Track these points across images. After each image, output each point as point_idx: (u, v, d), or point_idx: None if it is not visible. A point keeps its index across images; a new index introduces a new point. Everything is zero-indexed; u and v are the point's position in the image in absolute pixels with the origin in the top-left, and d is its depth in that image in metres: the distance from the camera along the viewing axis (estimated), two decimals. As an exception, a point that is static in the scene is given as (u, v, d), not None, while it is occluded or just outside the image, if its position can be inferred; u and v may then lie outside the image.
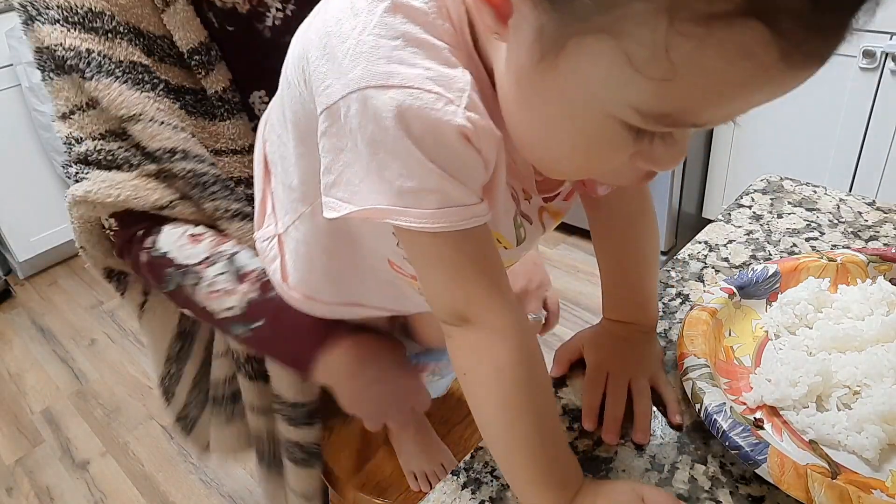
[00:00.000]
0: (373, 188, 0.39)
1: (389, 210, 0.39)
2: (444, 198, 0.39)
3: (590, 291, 2.15)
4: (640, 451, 0.55)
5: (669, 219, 2.12)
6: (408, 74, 0.36)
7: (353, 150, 0.39)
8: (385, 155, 0.38)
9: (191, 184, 0.67)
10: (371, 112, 0.37)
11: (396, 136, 0.37)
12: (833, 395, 0.56)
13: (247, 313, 0.64)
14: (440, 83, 0.37)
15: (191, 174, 0.66)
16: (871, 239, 0.79)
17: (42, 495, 1.64)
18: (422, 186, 0.38)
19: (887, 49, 1.62)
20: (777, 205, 0.88)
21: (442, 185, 0.39)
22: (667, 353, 0.65)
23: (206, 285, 0.65)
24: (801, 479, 0.47)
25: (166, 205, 0.67)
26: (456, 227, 0.40)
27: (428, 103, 0.36)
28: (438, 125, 0.37)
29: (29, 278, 2.50)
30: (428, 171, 0.38)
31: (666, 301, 0.72)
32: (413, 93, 0.36)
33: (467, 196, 0.40)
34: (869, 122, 1.75)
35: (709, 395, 0.54)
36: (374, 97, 0.37)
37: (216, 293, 0.65)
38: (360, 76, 0.37)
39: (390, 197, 0.39)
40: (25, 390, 1.99)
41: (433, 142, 0.37)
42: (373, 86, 0.37)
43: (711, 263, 0.77)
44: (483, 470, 0.55)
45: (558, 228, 2.43)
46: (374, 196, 0.39)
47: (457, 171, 0.39)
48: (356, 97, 0.37)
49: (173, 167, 0.66)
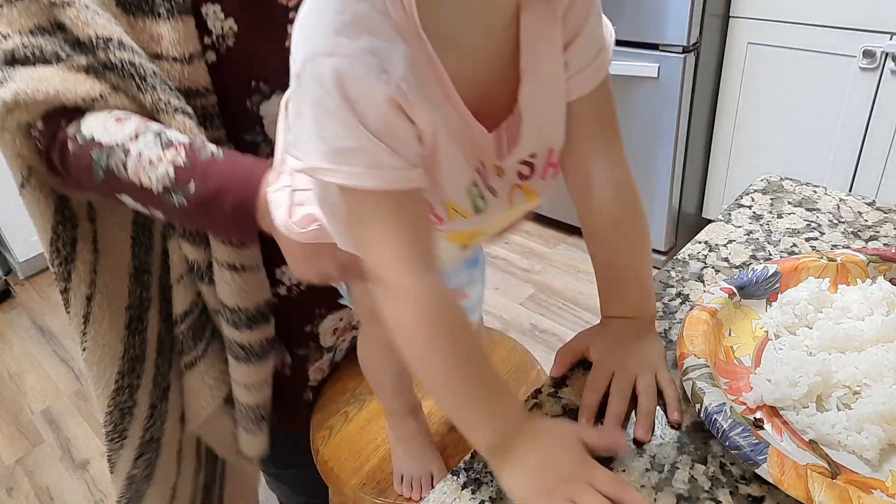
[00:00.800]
0: (315, 147, 0.44)
1: (325, 168, 0.44)
2: (373, 159, 0.44)
3: (590, 291, 2.15)
4: (640, 451, 0.55)
5: (669, 219, 2.12)
6: (350, 46, 0.41)
7: (304, 112, 0.44)
8: (325, 116, 0.43)
9: (127, 74, 0.63)
10: (318, 76, 0.42)
11: (335, 98, 0.42)
12: (833, 395, 0.56)
13: (177, 178, 0.61)
14: (378, 56, 0.42)
15: (128, 64, 0.63)
16: (871, 239, 0.79)
17: (42, 495, 1.64)
18: (354, 146, 0.43)
19: (887, 49, 1.62)
20: (777, 205, 0.88)
21: (371, 148, 0.43)
22: (667, 352, 0.65)
23: (135, 158, 0.62)
24: (801, 479, 0.47)
25: (97, 97, 0.64)
26: (381, 187, 0.44)
27: (364, 72, 0.42)
28: (371, 93, 0.42)
29: (29, 278, 2.50)
30: (360, 134, 0.43)
31: (666, 301, 0.72)
32: (352, 62, 0.41)
33: (396, 161, 0.44)
34: (869, 122, 1.75)
35: (709, 395, 0.54)
36: (321, 63, 0.42)
37: (145, 165, 0.62)
38: (313, 45, 0.42)
39: (327, 156, 0.44)
40: (25, 390, 1.99)
41: (366, 107, 0.42)
42: (321, 54, 0.42)
43: (711, 263, 0.77)
44: (483, 470, 0.55)
45: (558, 228, 2.44)
46: (315, 155, 0.44)
47: (387, 136, 0.43)
48: (311, 64, 0.42)
49: (108, 57, 0.63)
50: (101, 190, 0.67)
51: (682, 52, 1.84)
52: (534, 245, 2.42)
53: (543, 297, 2.16)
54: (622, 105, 2.03)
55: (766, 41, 1.85)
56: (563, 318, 2.05)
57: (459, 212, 0.53)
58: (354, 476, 0.86)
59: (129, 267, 0.80)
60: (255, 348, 0.83)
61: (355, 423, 0.93)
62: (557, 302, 2.13)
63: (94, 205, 0.76)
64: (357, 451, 0.89)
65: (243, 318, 0.80)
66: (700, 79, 1.92)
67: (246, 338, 0.82)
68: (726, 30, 1.92)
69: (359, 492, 0.84)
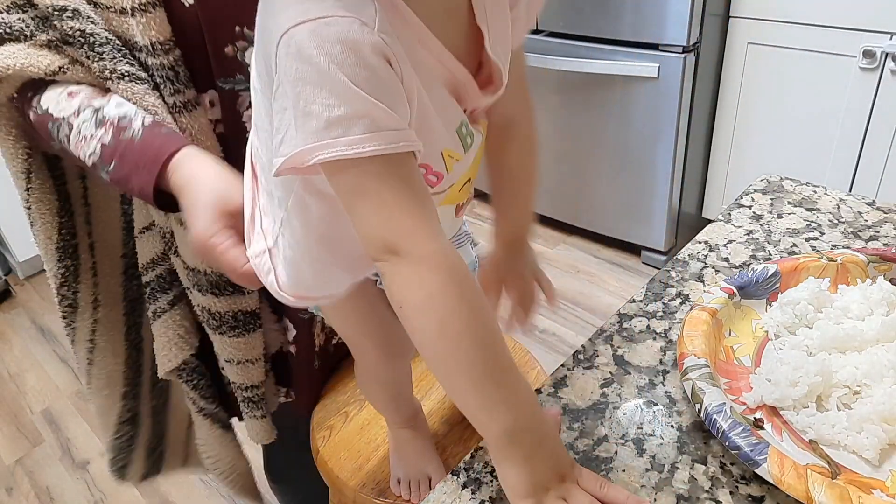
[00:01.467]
0: (303, 130, 0.41)
1: (318, 146, 0.41)
2: (371, 123, 0.41)
3: (590, 291, 2.15)
4: (641, 452, 0.55)
5: (669, 219, 2.12)
6: (321, 7, 0.39)
7: (287, 98, 0.42)
8: (311, 88, 0.40)
9: (80, 43, 0.68)
10: (296, 49, 0.40)
11: (320, 64, 0.39)
12: (833, 395, 0.56)
13: (102, 156, 0.66)
14: (351, 10, 0.40)
15: (80, 34, 0.68)
16: (871, 239, 0.79)
17: (42, 495, 1.64)
18: (349, 112, 0.40)
19: (887, 49, 1.62)
20: (777, 205, 0.88)
21: (369, 110, 0.41)
22: (667, 353, 0.65)
23: (76, 133, 0.67)
24: (801, 479, 0.47)
25: (58, 70, 0.69)
26: (385, 150, 0.41)
27: (343, 27, 0.39)
28: (357, 45, 0.40)
29: (29, 278, 2.50)
30: (354, 96, 0.40)
31: (666, 301, 0.72)
32: (328, 21, 0.39)
33: (393, 121, 0.42)
34: (869, 122, 1.75)
35: (709, 395, 0.54)
36: (296, 35, 0.40)
37: (81, 141, 0.67)
38: (281, 23, 0.40)
39: (319, 133, 0.41)
40: (25, 390, 1.99)
41: (354, 63, 0.40)
42: (292, 25, 0.40)
43: (711, 263, 0.77)
44: (483, 470, 0.55)
45: (558, 228, 2.44)
46: (304, 138, 0.41)
47: (381, 93, 0.41)
48: (283, 42, 0.40)
49: (63, 27, 0.67)
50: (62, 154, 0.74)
51: (682, 52, 1.84)
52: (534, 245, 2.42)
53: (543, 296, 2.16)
54: (622, 105, 2.03)
55: (766, 41, 1.85)
56: (563, 318, 2.05)
57: (454, 156, 0.53)
58: (354, 476, 0.86)
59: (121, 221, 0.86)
60: (227, 318, 0.83)
61: (355, 423, 0.93)
62: (557, 302, 2.13)
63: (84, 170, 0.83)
64: (357, 451, 0.89)
65: (204, 282, 0.80)
66: (700, 79, 1.92)
67: (214, 304, 0.82)
68: (726, 30, 1.92)
69: (359, 492, 0.84)
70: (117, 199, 0.87)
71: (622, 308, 0.72)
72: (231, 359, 0.86)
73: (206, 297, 0.81)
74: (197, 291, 0.82)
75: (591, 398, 0.61)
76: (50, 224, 0.80)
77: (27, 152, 0.76)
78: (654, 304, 0.72)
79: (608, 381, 0.62)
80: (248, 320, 0.84)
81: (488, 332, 0.47)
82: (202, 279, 0.80)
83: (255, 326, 0.85)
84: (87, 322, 0.89)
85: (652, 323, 0.69)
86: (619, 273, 2.24)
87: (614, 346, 0.66)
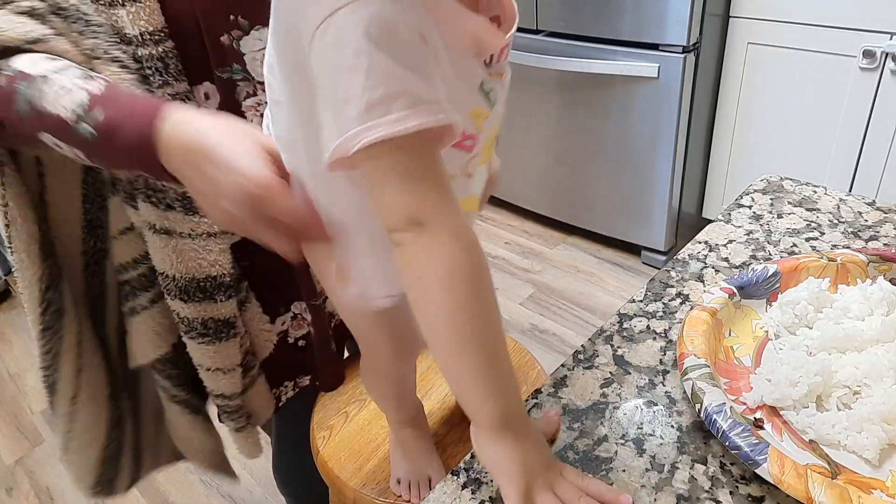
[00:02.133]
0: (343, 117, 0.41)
1: (360, 131, 0.40)
2: (411, 98, 0.41)
3: (590, 291, 2.16)
4: (641, 452, 0.55)
5: (669, 219, 2.12)
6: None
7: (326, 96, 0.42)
8: (349, 75, 0.40)
9: (74, 17, 0.64)
10: (332, 38, 0.40)
11: (358, 45, 0.39)
12: (833, 395, 0.56)
13: (90, 104, 0.59)
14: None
15: (74, 8, 0.63)
16: (871, 239, 0.79)
17: (42, 495, 1.64)
18: (389, 91, 0.40)
19: (887, 49, 1.62)
20: (777, 205, 0.88)
21: (407, 86, 0.41)
22: (667, 353, 0.65)
23: (56, 87, 0.60)
24: (801, 479, 0.47)
25: (39, 38, 0.63)
26: (428, 123, 0.41)
27: (377, 6, 0.39)
28: (392, 23, 0.40)
29: (29, 278, 2.50)
30: (391, 73, 0.40)
31: (666, 301, 0.72)
32: (361, 3, 0.39)
33: (432, 93, 0.42)
34: (869, 122, 1.75)
35: (709, 395, 0.54)
36: (333, 23, 0.40)
37: (62, 93, 0.60)
38: (315, 14, 0.40)
39: (360, 117, 0.40)
40: (25, 390, 1.99)
41: (391, 41, 0.40)
42: (327, 15, 0.39)
43: (711, 263, 0.77)
44: (483, 470, 0.55)
45: (558, 228, 2.44)
46: (344, 124, 0.41)
47: (418, 68, 0.41)
48: (319, 35, 0.40)
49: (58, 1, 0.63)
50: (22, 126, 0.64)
51: (682, 52, 1.84)
52: (534, 245, 2.42)
53: (543, 297, 2.16)
54: (622, 105, 2.03)
55: (766, 41, 1.85)
56: (563, 318, 2.05)
57: (483, 114, 0.52)
58: (354, 476, 0.86)
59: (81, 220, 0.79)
60: (195, 324, 0.80)
61: (355, 423, 0.93)
62: (557, 302, 2.13)
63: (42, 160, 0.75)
64: (357, 451, 0.89)
65: (172, 288, 0.77)
66: (700, 79, 1.92)
67: (185, 310, 0.79)
68: (726, 30, 1.92)
69: (359, 492, 0.84)
70: (78, 196, 0.80)
71: (622, 308, 0.72)
72: (201, 364, 0.84)
73: (175, 302, 0.79)
74: (169, 296, 0.79)
75: (591, 398, 0.61)
76: (31, 220, 0.74)
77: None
78: (654, 304, 0.72)
79: (608, 381, 0.62)
80: (220, 328, 0.82)
81: (497, 315, 0.48)
82: (171, 284, 0.78)
83: (227, 335, 0.83)
84: (73, 325, 0.82)
85: (652, 323, 0.69)
86: (619, 273, 2.24)
87: (614, 346, 0.66)
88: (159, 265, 0.77)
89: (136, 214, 0.76)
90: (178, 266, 0.77)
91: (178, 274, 0.77)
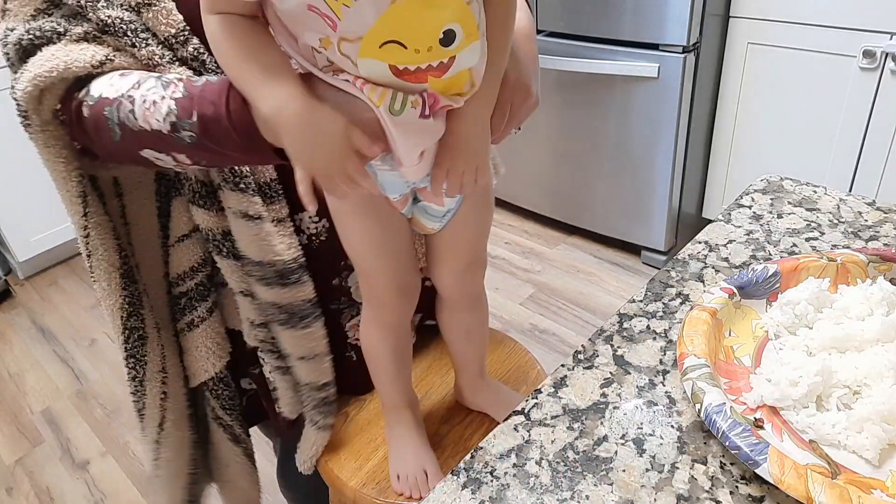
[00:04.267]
0: None
1: None
2: None
3: (590, 291, 2.16)
4: (641, 452, 0.55)
5: (669, 219, 2.12)
6: None
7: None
8: None
9: (121, 31, 0.65)
10: None
11: None
12: (833, 395, 0.56)
13: (179, 110, 0.60)
14: None
15: (119, 20, 0.65)
16: (871, 239, 0.79)
17: (42, 495, 1.64)
18: None
19: (887, 49, 1.62)
20: (777, 205, 0.88)
21: None
22: (667, 353, 0.65)
23: (140, 104, 0.61)
24: (801, 479, 0.47)
25: (104, 60, 0.65)
26: None
27: None
28: None
29: (29, 278, 2.50)
30: None
31: (666, 301, 0.72)
32: None
33: None
34: (869, 122, 1.75)
35: (709, 395, 0.54)
36: None
37: (150, 108, 0.61)
38: None
39: None
40: (25, 390, 1.99)
41: None
42: None
43: (711, 263, 0.77)
44: (483, 470, 0.55)
45: (558, 228, 2.44)
46: None
47: None
48: None
49: (99, 16, 0.64)
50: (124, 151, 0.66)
51: (682, 52, 1.84)
52: (534, 245, 2.42)
53: (543, 297, 2.16)
54: (622, 105, 2.03)
55: (766, 41, 1.85)
56: (563, 318, 2.05)
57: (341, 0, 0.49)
58: (354, 476, 0.86)
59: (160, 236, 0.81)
60: (295, 308, 0.81)
61: (355, 423, 0.93)
62: (557, 302, 2.13)
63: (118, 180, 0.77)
64: (357, 451, 0.89)
65: (270, 273, 0.77)
66: (700, 79, 1.92)
67: (281, 297, 0.79)
68: (726, 30, 1.92)
69: (359, 492, 0.84)
70: (154, 213, 0.81)
71: (622, 308, 0.72)
72: (302, 354, 0.84)
73: (272, 290, 0.79)
74: (263, 286, 0.78)
75: (591, 398, 0.61)
76: (112, 249, 0.74)
77: (80, 174, 0.70)
78: (654, 304, 0.72)
79: (608, 381, 0.62)
80: (311, 309, 0.82)
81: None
82: (268, 271, 0.77)
83: (316, 315, 0.83)
84: (156, 350, 0.81)
85: (652, 323, 0.69)
86: (619, 273, 2.24)
87: (614, 346, 0.66)
88: (245, 250, 0.77)
89: (203, 214, 0.75)
90: (271, 250, 0.76)
91: (269, 258, 0.77)
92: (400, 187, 0.67)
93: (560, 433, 0.57)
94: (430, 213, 0.73)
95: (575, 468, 0.54)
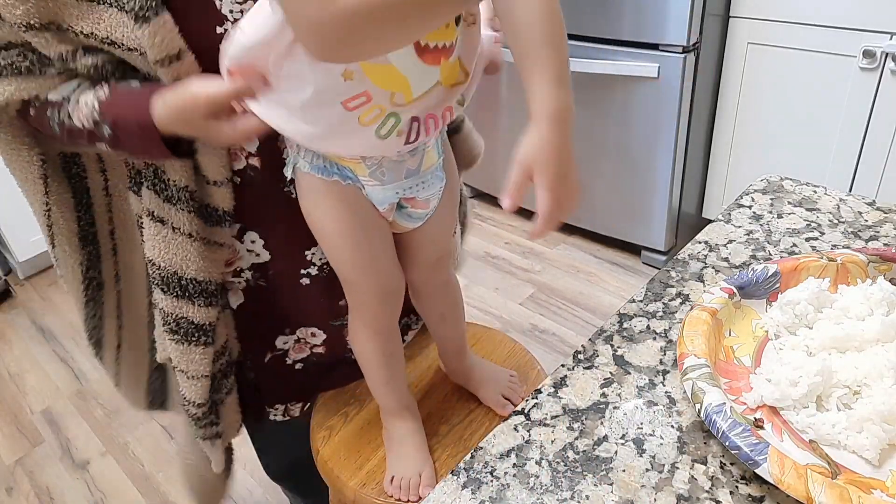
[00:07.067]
0: None
1: None
2: None
3: (589, 291, 2.15)
4: (641, 452, 0.55)
5: (669, 219, 2.12)
6: None
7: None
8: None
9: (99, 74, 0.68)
10: None
11: None
12: (833, 395, 0.56)
13: (101, 111, 0.67)
14: None
15: (94, 67, 0.68)
16: (871, 239, 0.79)
17: (42, 495, 1.64)
18: None
19: (887, 49, 1.62)
20: (777, 205, 0.88)
21: None
22: (667, 353, 0.65)
23: (73, 104, 0.68)
24: (801, 479, 0.47)
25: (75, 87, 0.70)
26: None
27: None
28: None
29: (29, 278, 2.50)
30: None
31: (666, 301, 0.72)
32: None
33: None
34: (869, 122, 1.75)
35: (709, 395, 0.54)
36: None
37: (81, 108, 0.68)
38: None
39: None
40: (25, 390, 1.99)
41: None
42: None
43: (711, 263, 0.77)
44: (483, 470, 0.55)
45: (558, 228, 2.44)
46: None
47: None
48: None
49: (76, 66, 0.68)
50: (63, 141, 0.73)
51: (682, 52, 1.84)
52: (534, 245, 2.42)
53: (543, 297, 2.16)
54: (622, 105, 2.03)
55: (766, 41, 1.85)
56: (563, 318, 2.05)
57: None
58: (354, 476, 0.86)
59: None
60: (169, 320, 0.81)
61: (355, 423, 0.93)
62: (557, 302, 2.13)
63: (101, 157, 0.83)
64: (357, 451, 0.89)
65: (156, 276, 0.79)
66: (700, 79, 1.92)
67: (162, 301, 0.81)
68: (726, 30, 1.92)
69: (359, 492, 0.84)
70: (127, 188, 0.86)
71: (622, 308, 0.72)
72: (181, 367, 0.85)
73: (156, 291, 0.81)
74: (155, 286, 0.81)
75: (591, 398, 0.61)
76: (71, 219, 0.82)
77: (42, 158, 0.77)
78: (654, 304, 0.72)
79: (608, 381, 0.62)
80: (191, 331, 0.82)
81: None
82: (156, 274, 0.79)
83: (197, 340, 0.83)
84: (112, 294, 0.91)
85: (652, 323, 0.69)
86: (619, 273, 2.24)
87: (614, 346, 0.66)
88: (149, 252, 0.79)
89: (138, 202, 0.79)
90: (165, 256, 0.78)
91: (163, 263, 0.79)
92: (388, 198, 0.72)
93: (560, 433, 0.57)
94: (413, 217, 0.77)
95: (575, 468, 0.54)
